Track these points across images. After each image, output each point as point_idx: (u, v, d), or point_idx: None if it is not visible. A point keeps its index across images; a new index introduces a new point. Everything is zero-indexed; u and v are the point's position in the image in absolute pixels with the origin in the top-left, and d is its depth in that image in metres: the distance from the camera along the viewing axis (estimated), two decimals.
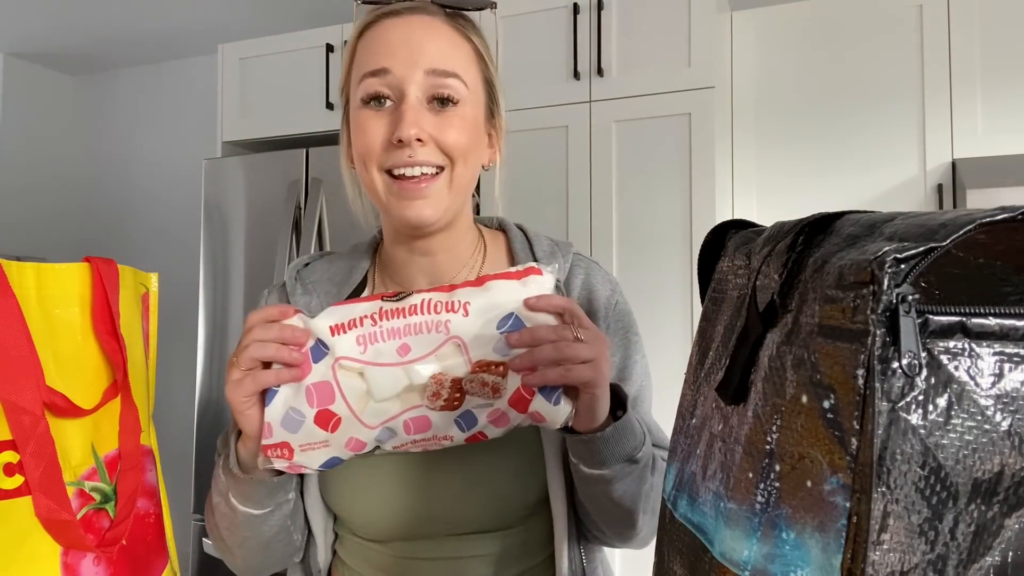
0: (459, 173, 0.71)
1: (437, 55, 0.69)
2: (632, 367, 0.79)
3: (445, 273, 0.77)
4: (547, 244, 0.81)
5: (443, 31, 0.71)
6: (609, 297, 0.78)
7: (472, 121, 0.72)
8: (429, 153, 0.69)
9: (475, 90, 0.73)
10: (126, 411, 0.74)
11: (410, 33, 0.69)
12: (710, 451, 0.42)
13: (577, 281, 0.78)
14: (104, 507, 0.70)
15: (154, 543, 0.78)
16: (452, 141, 0.69)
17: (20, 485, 0.63)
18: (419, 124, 0.68)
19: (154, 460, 0.84)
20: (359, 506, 0.74)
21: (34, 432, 0.63)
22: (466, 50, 0.72)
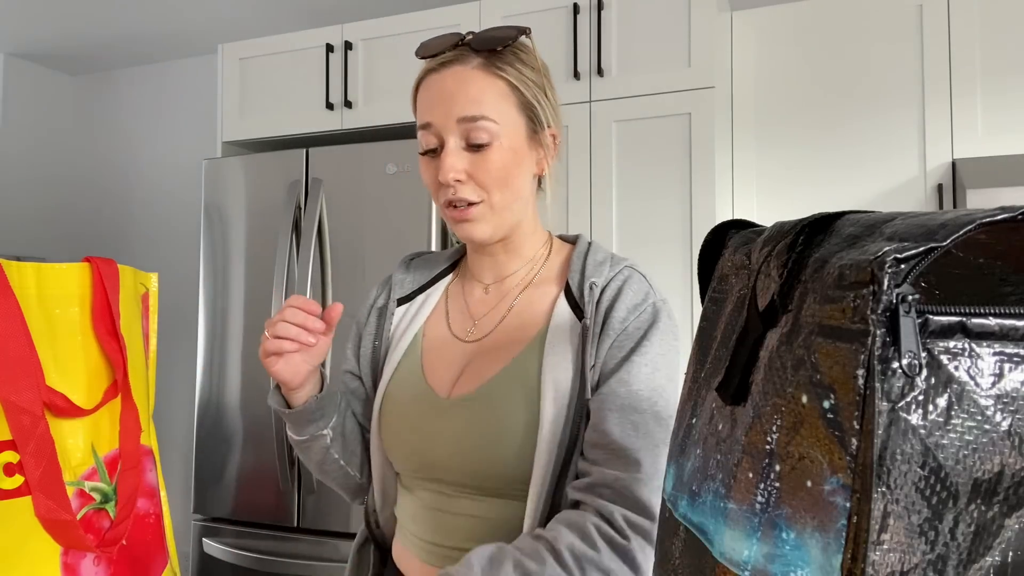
0: (498, 199, 0.84)
1: (467, 103, 0.81)
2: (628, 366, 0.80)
3: (505, 270, 0.91)
4: (603, 255, 0.89)
5: (473, 77, 0.82)
6: (637, 305, 0.83)
7: (508, 151, 0.83)
8: (468, 191, 0.83)
9: (509, 121, 0.83)
10: (126, 411, 0.74)
11: (444, 86, 0.83)
12: (710, 451, 0.42)
13: (614, 284, 0.85)
14: (104, 507, 0.70)
15: (154, 543, 0.79)
16: (487, 177, 0.82)
17: (20, 485, 0.63)
18: (455, 168, 0.81)
19: (154, 460, 0.84)
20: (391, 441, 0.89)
21: (34, 432, 0.63)
22: (497, 88, 0.83)
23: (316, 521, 2.10)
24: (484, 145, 0.82)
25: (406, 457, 0.88)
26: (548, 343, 0.82)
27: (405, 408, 0.88)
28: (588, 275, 0.85)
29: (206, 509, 2.29)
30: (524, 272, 0.91)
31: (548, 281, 0.90)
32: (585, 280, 0.85)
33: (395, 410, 0.89)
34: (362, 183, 2.16)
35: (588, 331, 0.81)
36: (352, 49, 2.37)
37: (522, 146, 0.85)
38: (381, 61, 2.34)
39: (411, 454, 0.87)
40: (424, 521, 0.87)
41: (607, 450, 0.76)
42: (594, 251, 0.89)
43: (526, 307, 0.88)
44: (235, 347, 2.31)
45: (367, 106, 2.35)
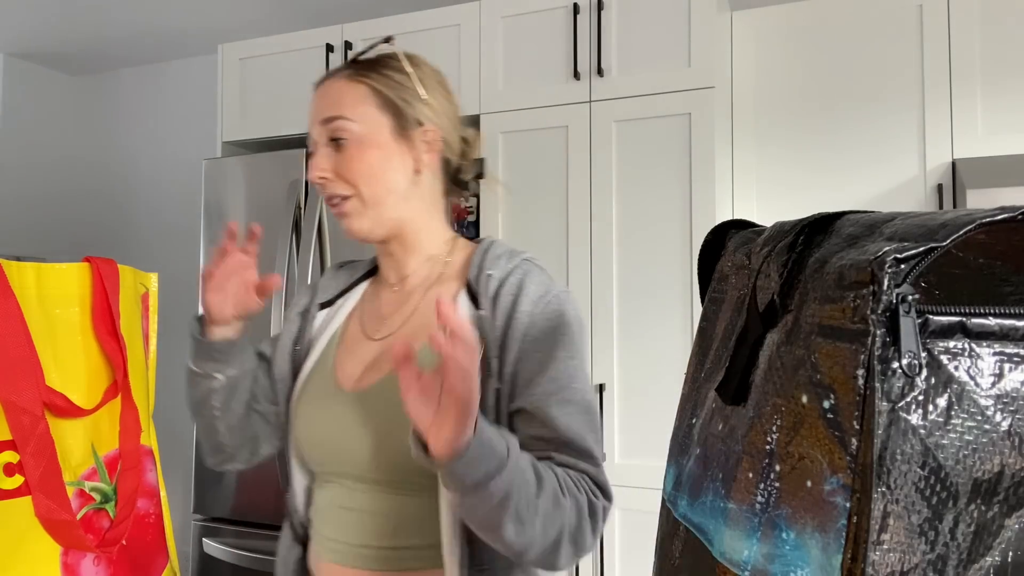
0: (366, 191, 0.88)
1: (327, 106, 0.90)
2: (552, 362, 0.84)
3: (404, 268, 0.95)
4: (502, 250, 0.93)
5: (335, 85, 0.91)
6: (540, 298, 0.86)
7: (370, 148, 0.89)
8: (335, 186, 0.89)
9: (370, 120, 0.89)
10: (126, 411, 0.74)
11: (315, 100, 0.92)
12: (710, 451, 0.42)
13: (513, 280, 0.88)
14: (104, 507, 0.70)
15: (154, 543, 0.78)
16: (350, 173, 0.88)
17: (20, 485, 0.63)
18: (319, 166, 0.89)
19: (154, 460, 0.84)
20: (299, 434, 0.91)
21: (34, 432, 0.63)
22: (358, 91, 0.90)
23: None
24: (343, 142, 0.88)
25: (314, 449, 0.90)
26: None
27: (314, 402, 0.91)
28: (485, 267, 0.89)
29: (206, 509, 2.29)
30: (425, 271, 0.95)
31: (450, 279, 0.93)
32: (482, 272, 0.89)
33: (306, 405, 0.92)
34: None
35: (486, 321, 0.84)
36: (352, 49, 2.37)
37: (388, 143, 0.90)
38: None
39: (318, 445, 0.89)
40: (333, 519, 0.88)
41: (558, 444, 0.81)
42: (494, 247, 0.93)
43: (430, 305, 0.91)
44: None
45: None
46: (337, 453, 0.87)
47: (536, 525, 0.74)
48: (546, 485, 0.76)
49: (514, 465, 0.72)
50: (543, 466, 0.77)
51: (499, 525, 0.72)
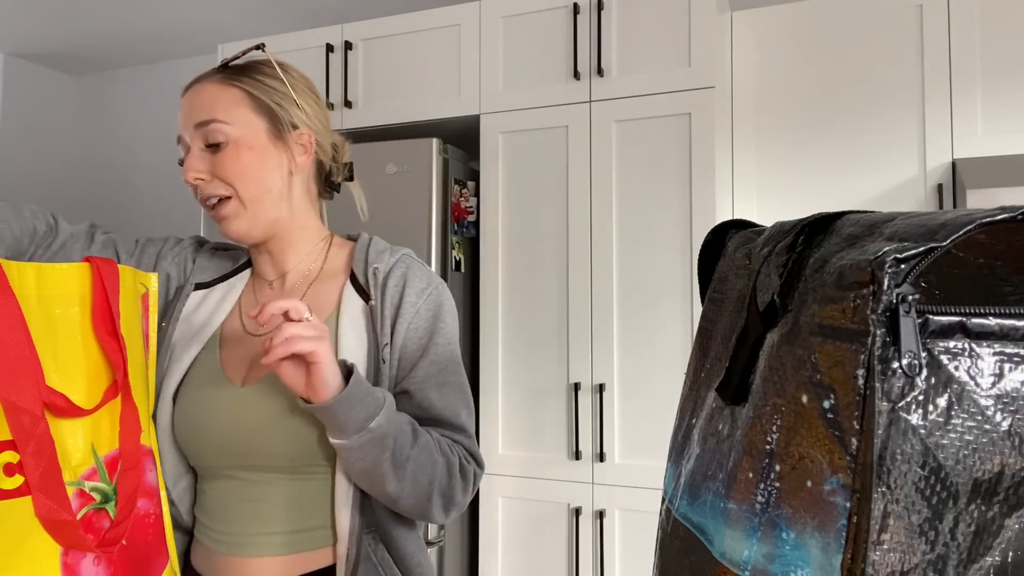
0: (244, 191, 0.90)
1: (199, 110, 0.91)
2: (432, 347, 0.92)
3: (283, 265, 0.98)
4: (383, 246, 0.99)
5: (207, 89, 0.92)
6: (423, 289, 0.94)
7: (246, 149, 0.91)
8: (213, 187, 0.91)
9: (244, 122, 0.91)
10: (126, 411, 0.74)
11: (186, 102, 0.93)
12: (710, 451, 0.42)
13: (397, 274, 0.94)
14: (104, 507, 0.70)
15: (154, 543, 0.78)
16: (227, 174, 0.90)
17: (20, 485, 0.63)
18: (194, 167, 0.90)
19: (154, 460, 0.84)
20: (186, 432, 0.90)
21: (34, 432, 0.63)
22: (230, 94, 0.91)
23: None
24: (218, 144, 0.90)
25: (210, 447, 0.89)
26: (341, 324, 0.90)
27: (205, 400, 0.90)
28: (371, 262, 0.95)
29: None
30: (304, 266, 0.98)
31: (334, 273, 0.97)
32: (368, 266, 0.94)
33: (195, 402, 0.91)
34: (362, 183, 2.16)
35: (376, 311, 0.91)
36: (352, 49, 2.37)
37: (264, 145, 0.92)
38: (381, 61, 2.34)
39: (216, 444, 0.89)
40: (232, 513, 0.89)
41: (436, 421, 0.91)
42: (375, 243, 0.99)
43: (313, 298, 0.95)
44: None
45: (367, 106, 2.35)
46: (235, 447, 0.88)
47: (409, 471, 0.84)
48: (421, 439, 0.86)
49: (391, 412, 0.83)
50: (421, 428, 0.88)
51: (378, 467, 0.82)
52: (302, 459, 0.87)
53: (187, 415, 0.91)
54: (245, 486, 0.89)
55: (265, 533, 0.88)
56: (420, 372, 0.91)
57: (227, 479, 0.90)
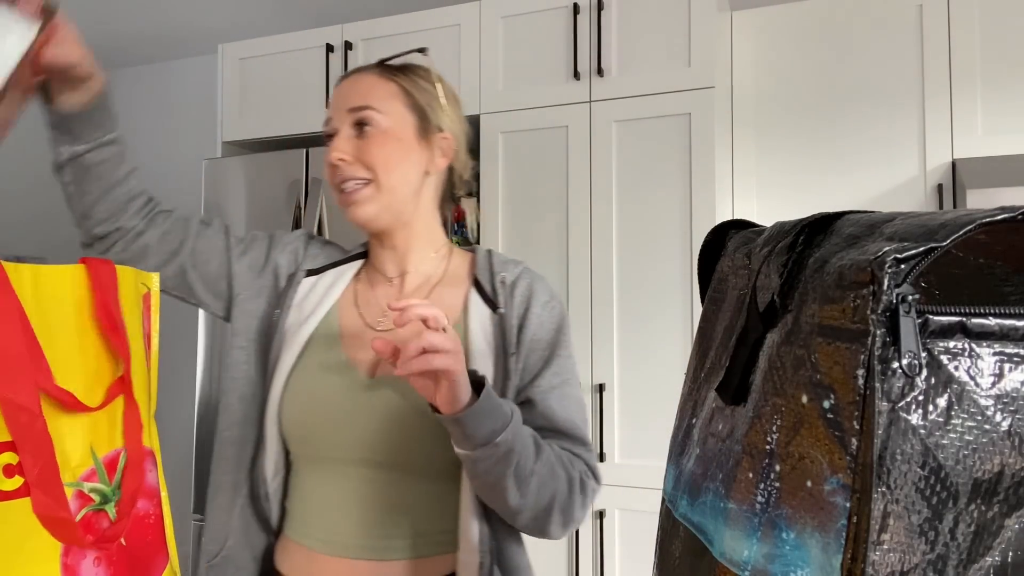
0: (384, 179, 0.91)
1: (356, 96, 0.93)
2: (556, 359, 0.92)
3: (409, 263, 0.97)
4: (505, 257, 1.00)
5: (365, 79, 0.95)
6: (547, 302, 0.95)
7: (393, 139, 0.92)
8: (354, 169, 0.91)
9: (397, 116, 0.93)
10: (129, 410, 0.74)
11: (342, 89, 0.96)
12: (710, 451, 0.42)
13: (523, 284, 0.95)
14: (104, 508, 0.70)
15: (154, 543, 0.78)
16: (370, 157, 0.91)
17: (20, 486, 0.63)
18: (340, 148, 0.91)
19: (155, 461, 0.84)
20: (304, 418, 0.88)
21: (32, 430, 0.63)
22: (387, 88, 0.94)
23: None
24: (367, 130, 0.92)
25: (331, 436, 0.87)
26: (471, 334, 0.90)
27: (328, 387, 0.89)
28: (497, 271, 0.95)
29: (206, 509, 2.29)
30: (427, 268, 0.98)
31: (457, 279, 0.97)
32: (495, 276, 0.94)
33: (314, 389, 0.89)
34: None
35: (505, 319, 0.91)
36: (352, 49, 2.37)
37: (410, 139, 0.94)
38: None
39: (339, 433, 0.87)
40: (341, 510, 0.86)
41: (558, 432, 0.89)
42: (496, 254, 1.00)
43: (437, 302, 0.93)
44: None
45: None
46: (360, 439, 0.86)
47: (532, 486, 0.82)
48: (544, 453, 0.84)
49: (517, 426, 0.80)
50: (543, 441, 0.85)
51: (502, 481, 0.79)
52: (430, 460, 0.86)
53: (301, 401, 0.89)
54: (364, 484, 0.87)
55: (386, 536, 0.86)
56: (544, 382, 0.90)
57: (341, 475, 0.88)
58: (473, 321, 0.91)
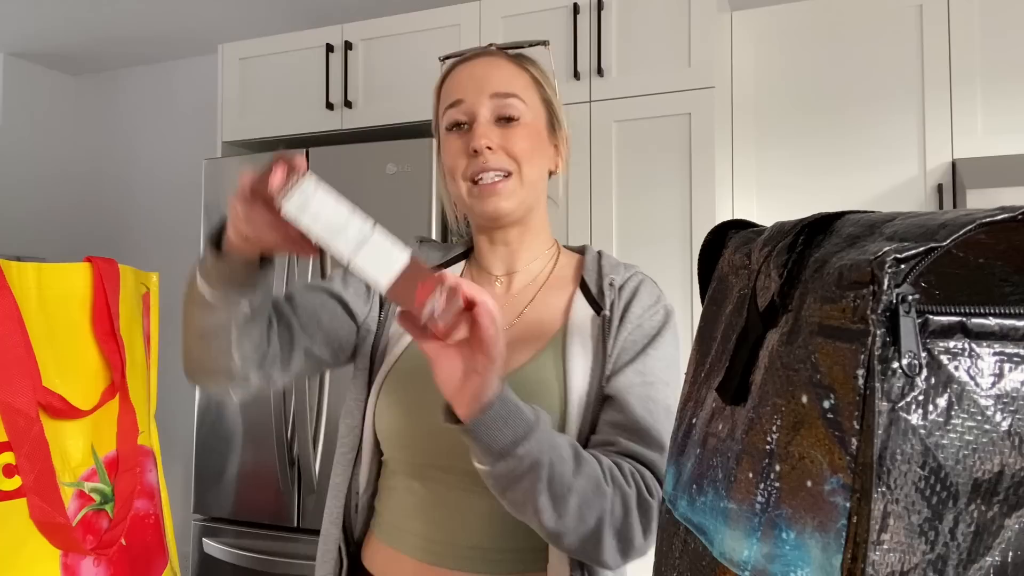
0: (527, 172, 0.87)
1: (499, 82, 0.87)
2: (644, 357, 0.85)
3: (518, 261, 0.94)
4: (615, 260, 0.94)
5: (503, 64, 0.89)
6: (650, 305, 0.88)
7: (534, 131, 0.88)
8: (499, 160, 0.86)
9: (534, 108, 0.89)
10: (124, 412, 0.74)
11: (476, 70, 0.89)
12: (710, 451, 0.42)
13: (630, 286, 0.90)
14: (104, 508, 0.70)
15: (154, 543, 0.78)
16: (517, 148, 0.86)
17: (20, 486, 0.63)
18: (488, 136, 0.85)
19: (155, 460, 0.84)
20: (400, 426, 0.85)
21: (28, 434, 0.63)
22: (524, 78, 0.89)
23: (316, 521, 2.10)
24: (514, 120, 0.87)
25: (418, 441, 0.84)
26: (569, 337, 0.85)
27: (419, 389, 0.84)
28: (606, 273, 0.90)
29: (206, 509, 2.29)
30: (535, 268, 0.94)
31: (563, 281, 0.93)
32: (604, 278, 0.89)
33: (406, 391, 0.86)
34: (362, 183, 2.16)
35: (607, 322, 0.85)
36: (352, 49, 2.37)
37: (543, 134, 0.90)
38: (381, 61, 2.34)
39: (426, 437, 0.83)
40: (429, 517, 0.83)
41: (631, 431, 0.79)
42: (606, 256, 0.95)
43: (542, 304, 0.90)
44: None
45: (367, 106, 2.35)
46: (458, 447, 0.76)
47: (572, 505, 0.70)
48: (586, 467, 0.72)
49: (545, 434, 0.70)
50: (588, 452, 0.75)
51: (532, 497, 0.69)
52: None
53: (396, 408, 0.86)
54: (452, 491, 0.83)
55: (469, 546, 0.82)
56: (623, 378, 0.82)
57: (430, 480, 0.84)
58: (574, 322, 0.87)
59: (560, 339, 0.86)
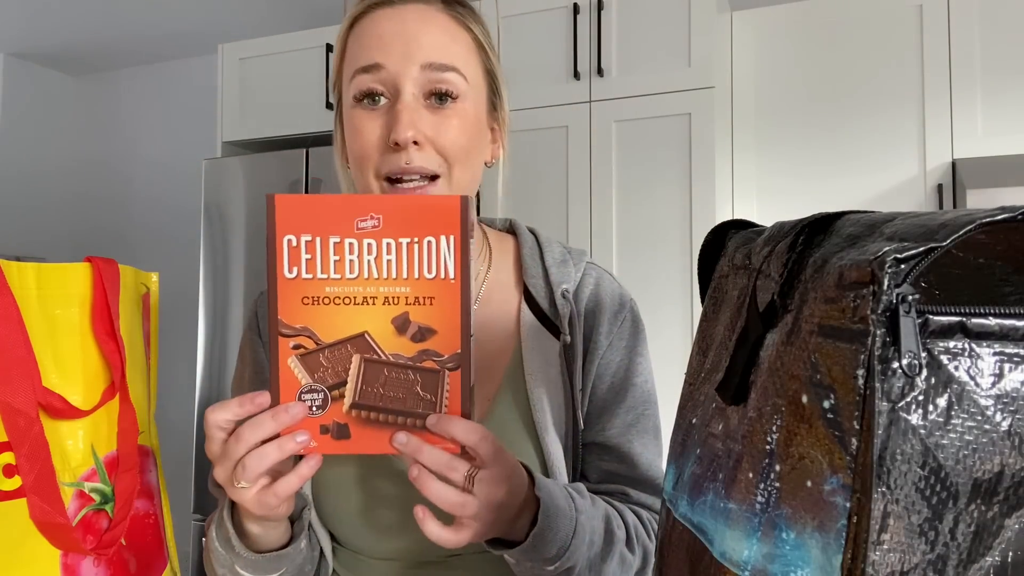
0: (458, 176, 0.67)
1: (434, 47, 0.65)
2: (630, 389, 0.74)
3: None
4: (559, 251, 0.77)
5: (440, 20, 0.66)
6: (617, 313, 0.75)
7: (473, 118, 0.68)
8: (426, 158, 0.65)
9: (475, 83, 0.68)
10: (124, 412, 0.74)
11: (404, 25, 0.65)
12: (710, 451, 0.42)
13: (587, 290, 0.74)
14: (104, 508, 0.70)
15: (154, 544, 0.78)
16: (450, 143, 0.66)
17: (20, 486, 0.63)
18: (416, 125, 0.64)
19: (155, 460, 0.84)
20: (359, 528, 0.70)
21: (28, 434, 0.63)
22: (465, 40, 0.68)
23: None
24: (450, 98, 0.65)
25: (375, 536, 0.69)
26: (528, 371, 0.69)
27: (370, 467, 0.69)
28: (555, 280, 0.73)
29: (206, 509, 2.29)
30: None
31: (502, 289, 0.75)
32: (553, 287, 0.72)
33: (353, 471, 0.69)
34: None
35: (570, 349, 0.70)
36: None
37: (483, 119, 0.71)
38: None
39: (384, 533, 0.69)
40: None
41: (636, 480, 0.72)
42: (549, 247, 0.77)
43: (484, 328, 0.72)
44: (235, 347, 2.30)
45: None
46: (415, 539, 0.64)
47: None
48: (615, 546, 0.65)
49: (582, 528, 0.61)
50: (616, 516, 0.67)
51: None
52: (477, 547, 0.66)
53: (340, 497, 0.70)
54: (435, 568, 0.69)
55: None
56: (618, 422, 0.72)
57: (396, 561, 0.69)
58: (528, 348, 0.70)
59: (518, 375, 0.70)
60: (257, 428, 0.52)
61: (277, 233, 0.52)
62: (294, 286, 0.53)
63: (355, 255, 0.52)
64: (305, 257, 0.52)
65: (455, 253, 0.53)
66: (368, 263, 0.52)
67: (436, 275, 0.53)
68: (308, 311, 0.53)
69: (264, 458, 0.52)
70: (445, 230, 0.53)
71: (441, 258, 0.53)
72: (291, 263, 0.52)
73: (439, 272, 0.53)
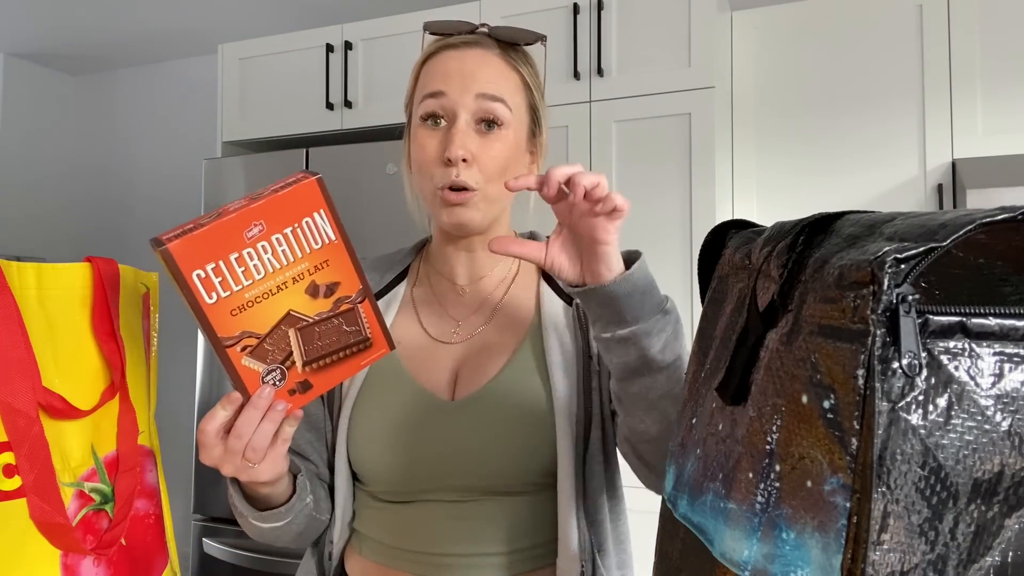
0: (492, 191, 0.81)
1: (487, 82, 0.80)
2: None
3: (483, 268, 0.89)
4: None
5: (494, 62, 0.81)
6: None
7: (513, 143, 0.82)
8: (471, 175, 0.79)
9: (519, 115, 0.83)
10: (124, 412, 0.74)
11: (464, 63, 0.81)
12: (710, 451, 0.42)
13: None
14: (104, 508, 0.70)
15: (154, 543, 0.78)
16: (490, 161, 0.80)
17: (20, 486, 0.63)
18: (466, 145, 0.78)
19: (155, 460, 0.84)
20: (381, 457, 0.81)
21: (28, 434, 0.63)
22: (514, 79, 0.82)
23: None
24: (496, 125, 0.80)
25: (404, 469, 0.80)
26: (546, 330, 0.82)
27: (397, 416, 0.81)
28: None
29: (206, 509, 2.29)
30: (501, 272, 0.89)
31: (528, 276, 0.90)
32: None
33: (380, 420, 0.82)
34: (362, 183, 2.16)
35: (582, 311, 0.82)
36: (352, 49, 2.37)
37: (522, 144, 0.84)
38: (381, 61, 2.34)
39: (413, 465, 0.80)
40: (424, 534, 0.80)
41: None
42: None
43: (511, 304, 0.87)
44: None
45: (367, 106, 2.35)
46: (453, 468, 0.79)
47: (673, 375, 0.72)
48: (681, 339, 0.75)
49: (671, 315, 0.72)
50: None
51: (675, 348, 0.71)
52: (526, 474, 0.79)
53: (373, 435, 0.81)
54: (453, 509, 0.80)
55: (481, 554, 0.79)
56: None
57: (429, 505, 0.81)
58: (547, 314, 0.83)
59: (536, 333, 0.83)
60: (248, 420, 0.65)
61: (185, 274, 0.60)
62: (219, 307, 0.62)
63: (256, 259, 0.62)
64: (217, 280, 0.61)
65: (329, 220, 0.65)
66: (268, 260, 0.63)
67: (322, 243, 0.65)
68: (239, 318, 0.62)
69: (264, 435, 0.66)
70: (314, 207, 0.64)
71: (320, 229, 0.65)
72: (208, 291, 0.61)
73: (323, 239, 0.65)
